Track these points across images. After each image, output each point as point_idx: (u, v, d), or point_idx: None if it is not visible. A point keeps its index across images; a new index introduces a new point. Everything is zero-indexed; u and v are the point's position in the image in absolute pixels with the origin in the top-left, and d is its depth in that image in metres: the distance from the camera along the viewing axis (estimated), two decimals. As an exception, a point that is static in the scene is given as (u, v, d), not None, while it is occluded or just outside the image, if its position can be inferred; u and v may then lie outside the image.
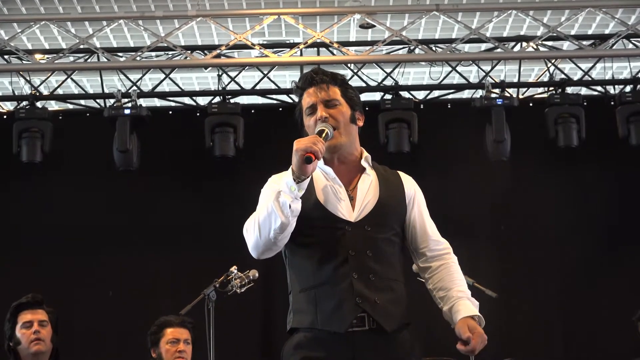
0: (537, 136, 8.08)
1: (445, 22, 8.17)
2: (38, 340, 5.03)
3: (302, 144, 2.96)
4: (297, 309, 3.15)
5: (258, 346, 7.90)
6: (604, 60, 8.34)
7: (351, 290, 3.06)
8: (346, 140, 3.21)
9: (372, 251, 3.12)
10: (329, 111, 3.19)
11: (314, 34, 7.84)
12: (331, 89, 3.23)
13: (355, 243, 3.10)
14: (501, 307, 6.86)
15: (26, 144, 7.84)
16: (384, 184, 3.23)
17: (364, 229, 3.13)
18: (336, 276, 3.08)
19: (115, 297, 7.97)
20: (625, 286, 7.77)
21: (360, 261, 3.09)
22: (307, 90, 3.25)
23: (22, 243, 8.11)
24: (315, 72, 3.29)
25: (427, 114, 8.15)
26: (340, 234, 3.11)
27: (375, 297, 3.08)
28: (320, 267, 3.11)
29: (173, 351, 5.53)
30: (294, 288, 3.19)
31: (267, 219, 3.02)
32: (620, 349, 6.87)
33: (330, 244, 3.10)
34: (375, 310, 3.07)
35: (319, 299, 3.09)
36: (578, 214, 8.16)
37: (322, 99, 3.20)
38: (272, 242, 3.05)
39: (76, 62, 8.28)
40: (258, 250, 3.11)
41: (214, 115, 7.94)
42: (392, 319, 3.11)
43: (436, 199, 8.27)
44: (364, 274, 3.09)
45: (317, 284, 3.11)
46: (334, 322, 3.06)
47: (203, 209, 8.18)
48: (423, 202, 3.35)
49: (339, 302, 3.06)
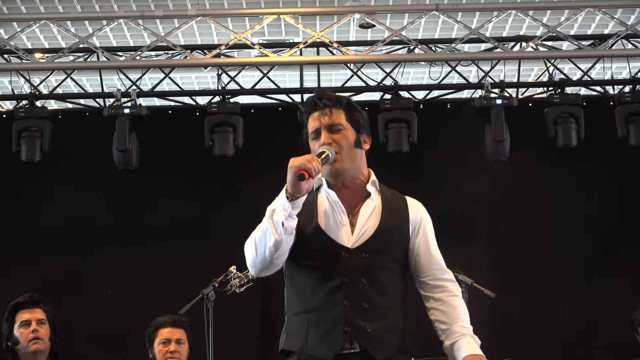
0: (536, 136, 8.08)
1: (445, 22, 8.17)
2: (36, 339, 5.04)
3: (297, 162, 2.94)
4: (290, 331, 3.15)
5: (257, 345, 7.89)
6: (603, 61, 8.34)
7: (341, 317, 3.04)
8: (349, 165, 3.16)
9: (367, 278, 3.08)
10: (332, 136, 3.13)
11: (313, 33, 7.85)
12: (335, 113, 3.17)
13: (350, 269, 3.07)
14: (500, 306, 6.87)
15: (25, 143, 7.84)
16: (387, 210, 3.18)
17: (361, 255, 3.09)
18: (328, 302, 3.06)
19: (114, 296, 7.97)
20: (624, 285, 7.76)
21: (353, 288, 3.06)
22: (312, 115, 3.19)
23: (21, 242, 8.11)
24: (320, 96, 3.22)
25: (426, 114, 8.15)
26: (337, 259, 3.08)
27: (367, 325, 3.05)
28: (314, 291, 3.09)
29: (165, 352, 5.54)
30: (289, 310, 3.18)
31: (262, 237, 3.02)
32: (619, 349, 6.87)
33: (326, 269, 3.08)
34: (365, 338, 3.04)
35: (311, 323, 3.07)
36: (577, 214, 8.16)
37: (326, 124, 3.15)
38: (269, 261, 3.04)
39: (76, 62, 8.27)
40: (256, 268, 3.10)
41: (213, 115, 7.94)
42: (385, 347, 3.08)
43: (435, 199, 8.27)
44: (356, 302, 3.05)
45: (310, 309, 3.09)
46: (323, 349, 3.04)
47: (202, 209, 8.18)
48: (430, 230, 3.30)
49: (328, 329, 3.04)
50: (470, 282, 6.10)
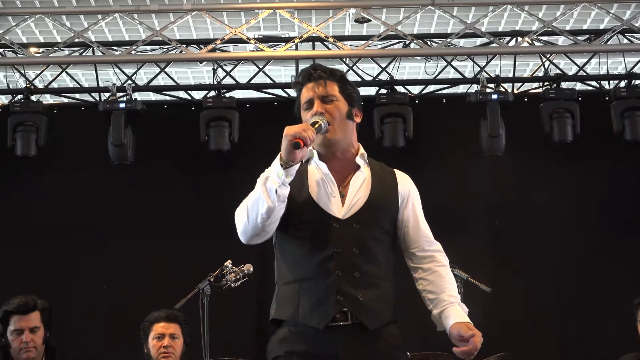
0: (532, 131, 8.08)
1: (441, 16, 8.16)
2: (28, 349, 5.03)
3: (292, 130, 2.98)
4: (280, 301, 3.18)
5: (252, 340, 7.89)
6: (599, 56, 8.35)
7: (333, 287, 3.07)
8: (341, 136, 3.22)
9: (358, 249, 3.12)
10: (325, 106, 3.20)
11: (309, 28, 7.84)
12: (329, 85, 3.24)
13: (342, 240, 3.12)
14: (495, 301, 6.87)
15: (21, 137, 7.82)
16: (376, 182, 3.24)
17: (353, 226, 3.14)
18: (320, 272, 3.09)
19: (109, 291, 7.97)
20: (621, 280, 7.77)
21: (345, 258, 3.10)
22: (306, 85, 3.26)
23: (16, 236, 8.09)
24: (314, 67, 3.30)
25: (422, 109, 8.15)
26: (328, 230, 3.12)
27: (359, 294, 3.08)
28: (305, 261, 3.12)
29: (158, 346, 5.55)
30: (279, 279, 3.21)
31: (254, 204, 3.06)
32: (615, 344, 6.88)
33: (318, 239, 3.12)
34: (357, 307, 3.07)
35: (302, 293, 3.10)
36: (573, 209, 8.17)
37: (319, 94, 3.22)
38: (260, 228, 3.07)
39: (71, 56, 8.25)
40: (247, 235, 3.13)
41: (209, 109, 7.93)
42: (376, 316, 3.12)
43: (431, 194, 8.27)
44: (348, 271, 3.09)
45: (301, 278, 3.12)
46: (314, 317, 3.07)
47: (198, 203, 8.17)
48: (418, 202, 3.36)
49: (320, 298, 3.07)
50: (465, 276, 6.10)
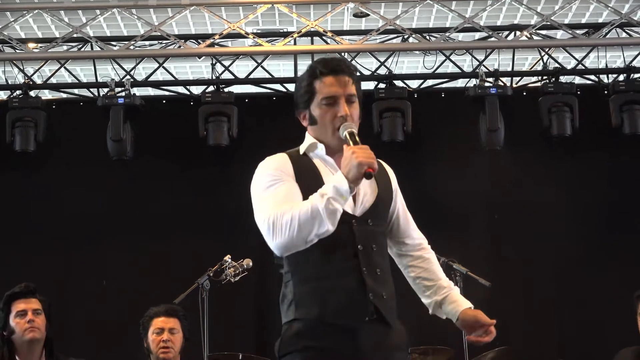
0: (530, 125, 8.08)
1: (439, 10, 8.16)
2: (32, 328, 5.04)
3: (365, 158, 2.85)
4: (300, 301, 3.04)
5: (252, 335, 7.90)
6: (598, 49, 8.34)
7: (363, 285, 3.01)
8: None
9: (376, 245, 3.09)
10: (348, 107, 3.07)
11: (307, 22, 7.84)
12: (351, 83, 3.10)
13: (362, 238, 3.05)
14: (494, 296, 6.86)
15: (19, 133, 7.81)
16: (379, 177, 3.14)
17: (367, 223, 3.08)
18: (346, 270, 3.02)
19: (109, 287, 7.97)
20: (619, 274, 7.77)
21: (368, 256, 3.05)
22: (327, 78, 3.08)
23: (15, 232, 8.09)
24: (340, 60, 3.15)
25: (421, 103, 8.14)
26: (349, 227, 3.03)
27: (383, 292, 3.05)
28: (327, 259, 3.02)
29: (158, 341, 5.56)
30: (295, 279, 3.07)
31: (310, 222, 2.89)
32: (614, 339, 6.88)
33: (339, 238, 2.99)
34: (382, 304, 3.04)
35: (327, 291, 3.01)
36: (572, 203, 8.17)
37: (348, 94, 3.08)
38: (305, 244, 2.94)
39: (69, 51, 8.25)
40: (287, 248, 2.97)
41: (207, 105, 7.93)
42: (393, 312, 3.10)
43: (430, 188, 8.28)
44: (372, 269, 3.04)
45: (323, 277, 3.02)
46: (346, 316, 2.98)
47: (197, 198, 8.17)
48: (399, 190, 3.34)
49: (350, 297, 3.00)
50: (465, 271, 6.10)
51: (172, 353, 5.57)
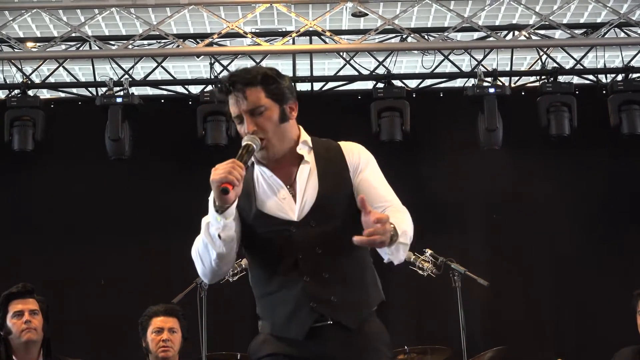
0: (529, 125, 8.08)
1: (438, 10, 8.16)
2: (29, 329, 5.04)
3: (218, 175, 2.81)
4: (260, 316, 3.12)
5: (250, 334, 7.85)
6: (596, 49, 8.34)
7: (304, 294, 2.93)
8: (279, 144, 2.99)
9: (322, 247, 2.94)
10: (256, 121, 2.94)
11: (306, 22, 7.83)
12: (252, 94, 2.95)
13: (302, 244, 2.94)
14: (493, 295, 6.88)
15: (18, 132, 7.81)
16: (323, 167, 3.02)
17: (310, 226, 2.95)
18: (287, 281, 2.96)
19: (107, 286, 7.97)
20: (618, 274, 7.79)
21: (310, 261, 2.94)
22: (229, 99, 2.99)
23: (13, 231, 8.09)
24: (232, 81, 2.97)
25: (419, 103, 8.14)
26: (287, 236, 2.95)
27: (332, 295, 2.94)
28: (272, 272, 3.00)
29: (157, 340, 5.55)
30: (255, 295, 3.13)
31: (204, 251, 2.94)
32: (611, 338, 6.88)
33: (278, 249, 2.96)
34: (333, 309, 2.94)
35: (274, 305, 3.02)
36: (570, 203, 8.18)
37: (246, 109, 2.95)
38: (217, 269, 2.97)
39: (68, 51, 8.24)
40: (208, 278, 3.06)
41: (206, 104, 7.92)
42: (354, 313, 2.98)
43: (428, 188, 8.28)
44: (316, 274, 2.94)
45: (271, 291, 3.02)
46: (291, 329, 2.98)
47: (195, 198, 8.01)
48: (373, 167, 3.08)
49: (293, 309, 2.96)
50: (463, 270, 6.10)
51: (171, 352, 5.57)
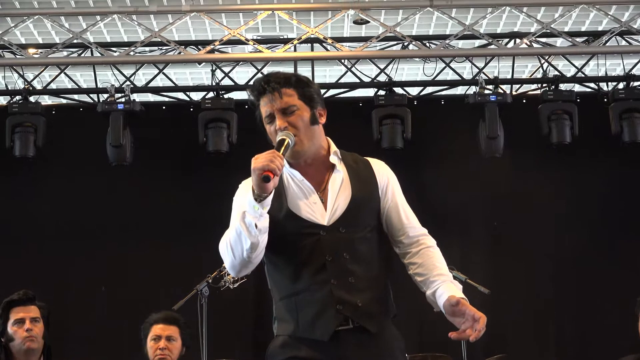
0: (530, 133, 8.08)
1: (439, 18, 8.17)
2: (31, 338, 5.03)
3: (260, 163, 2.89)
4: (280, 317, 3.13)
5: (250, 341, 7.89)
6: (597, 57, 8.34)
7: (331, 297, 3.01)
8: (309, 144, 3.12)
9: (349, 253, 3.05)
10: (287, 119, 3.09)
11: (307, 29, 7.84)
12: (286, 94, 3.11)
13: (331, 247, 3.04)
14: (494, 302, 6.87)
15: (19, 138, 7.81)
16: (355, 179, 3.15)
17: (339, 231, 3.06)
18: (314, 283, 3.03)
19: (108, 293, 7.96)
20: (619, 282, 7.77)
21: (338, 265, 3.03)
22: (262, 99, 3.16)
23: (14, 237, 8.09)
24: (267, 79, 3.15)
25: (420, 110, 8.14)
26: (316, 239, 3.04)
27: (357, 300, 3.03)
28: (297, 274, 3.06)
29: (155, 348, 5.54)
30: (274, 295, 3.17)
31: (237, 241, 2.99)
32: (613, 344, 6.88)
33: (306, 251, 3.05)
34: (357, 313, 3.03)
35: (299, 307, 3.05)
36: (571, 211, 8.17)
37: (279, 108, 3.11)
38: (247, 261, 3.01)
39: (69, 57, 8.25)
40: (236, 270, 3.09)
41: (207, 111, 7.92)
42: (376, 318, 3.07)
43: (429, 195, 8.28)
44: (342, 278, 3.03)
45: (296, 292, 3.06)
46: (317, 330, 3.02)
47: (196, 204, 8.16)
48: (398, 189, 3.26)
49: (319, 310, 3.02)
50: (464, 278, 6.10)
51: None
